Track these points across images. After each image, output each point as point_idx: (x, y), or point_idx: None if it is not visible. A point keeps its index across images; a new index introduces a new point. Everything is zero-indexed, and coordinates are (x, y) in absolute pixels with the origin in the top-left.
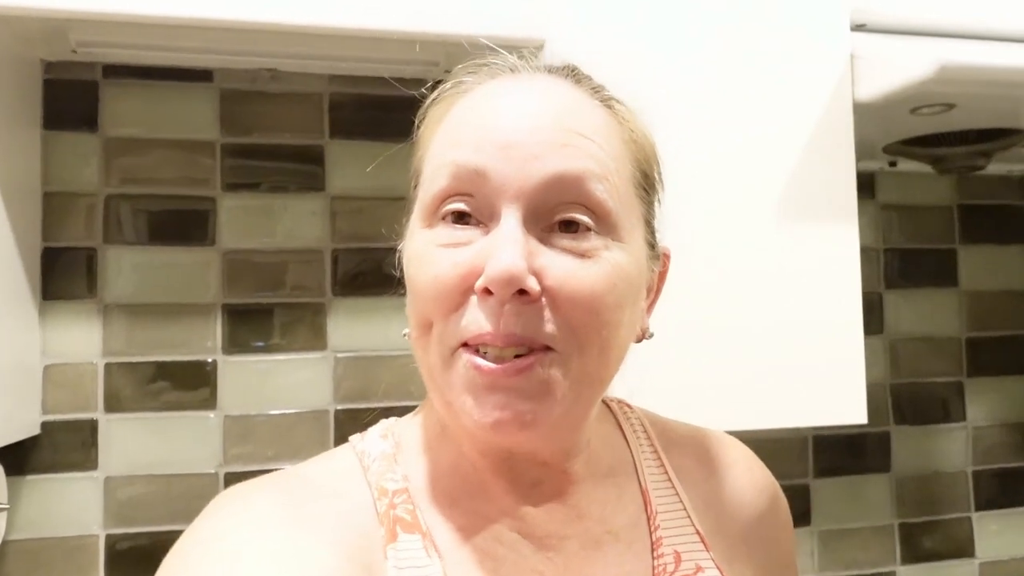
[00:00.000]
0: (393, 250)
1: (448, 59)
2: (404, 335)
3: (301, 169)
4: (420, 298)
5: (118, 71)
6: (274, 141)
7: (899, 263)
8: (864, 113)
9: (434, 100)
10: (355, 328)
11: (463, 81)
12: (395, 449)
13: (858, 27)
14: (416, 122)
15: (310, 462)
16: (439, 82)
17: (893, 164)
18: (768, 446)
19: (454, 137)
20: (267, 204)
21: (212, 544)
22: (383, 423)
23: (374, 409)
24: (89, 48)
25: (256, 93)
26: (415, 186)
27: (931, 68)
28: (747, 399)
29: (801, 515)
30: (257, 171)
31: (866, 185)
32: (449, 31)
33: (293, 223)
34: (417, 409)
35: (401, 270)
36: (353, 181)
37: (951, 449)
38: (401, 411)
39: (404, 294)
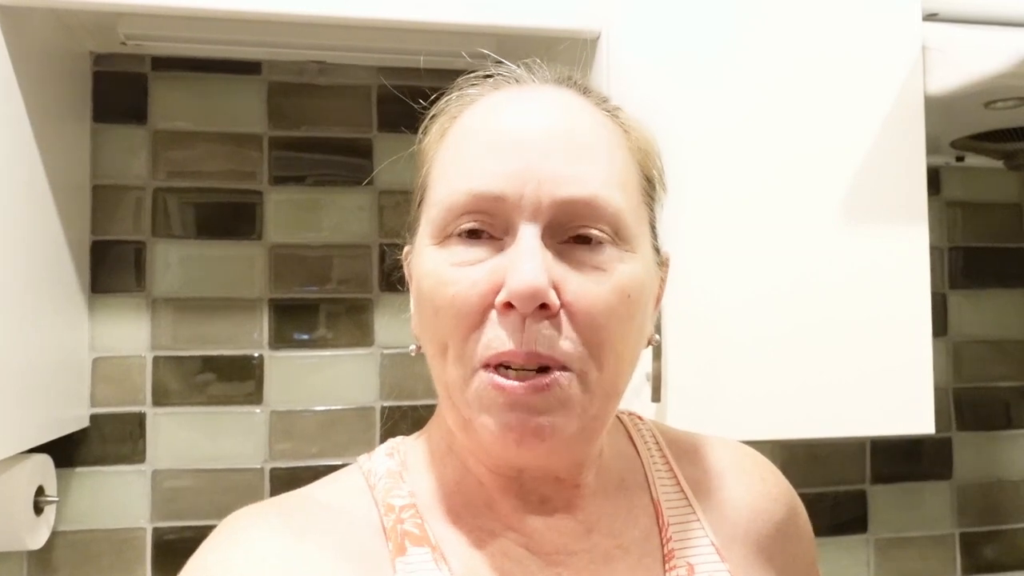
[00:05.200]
0: None
1: (500, 51)
2: (411, 351)
3: (349, 162)
4: (437, 319)
5: (167, 63)
6: (322, 134)
7: (964, 262)
8: (934, 107)
9: (437, 113)
10: (402, 324)
11: (467, 93)
12: (401, 467)
13: (930, 16)
14: (419, 135)
15: (316, 483)
16: (440, 95)
17: (960, 159)
18: (824, 451)
19: (464, 155)
20: (314, 198)
21: (217, 568)
22: (390, 441)
23: (420, 406)
24: (138, 40)
25: (304, 85)
26: (420, 201)
27: (1011, 60)
28: (809, 406)
29: (857, 522)
30: (305, 164)
31: (931, 181)
32: (502, 23)
33: (340, 217)
34: (425, 427)
35: (404, 282)
36: (401, 175)
37: (1015, 456)
38: None
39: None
